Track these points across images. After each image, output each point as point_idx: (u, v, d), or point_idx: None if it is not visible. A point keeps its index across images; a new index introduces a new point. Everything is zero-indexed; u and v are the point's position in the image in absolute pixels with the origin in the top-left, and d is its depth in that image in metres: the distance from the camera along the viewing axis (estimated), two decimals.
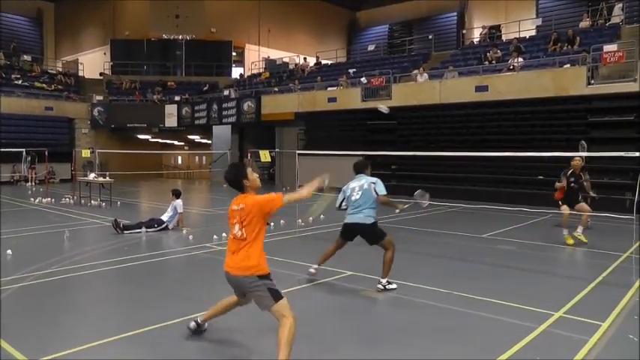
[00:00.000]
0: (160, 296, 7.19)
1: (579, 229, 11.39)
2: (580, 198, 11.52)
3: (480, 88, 21.20)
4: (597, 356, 5.15)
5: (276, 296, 4.78)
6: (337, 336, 5.75)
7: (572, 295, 7.22)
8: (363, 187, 7.62)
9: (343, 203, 7.79)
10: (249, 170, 5.12)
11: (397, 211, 8.15)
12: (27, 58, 36.86)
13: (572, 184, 11.34)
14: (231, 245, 4.98)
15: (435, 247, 11.31)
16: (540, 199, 17.37)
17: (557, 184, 11.56)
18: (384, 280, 7.48)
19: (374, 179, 7.69)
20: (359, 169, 7.93)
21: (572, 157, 11.54)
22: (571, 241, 11.16)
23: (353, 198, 7.63)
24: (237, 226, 4.93)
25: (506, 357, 5.05)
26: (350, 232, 7.76)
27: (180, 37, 38.54)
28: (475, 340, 5.62)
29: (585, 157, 11.61)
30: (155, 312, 6.37)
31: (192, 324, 5.52)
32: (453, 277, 8.52)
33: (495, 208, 15.20)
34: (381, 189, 7.59)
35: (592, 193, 12.11)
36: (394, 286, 7.52)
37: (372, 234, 7.61)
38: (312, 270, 7.89)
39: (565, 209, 11.26)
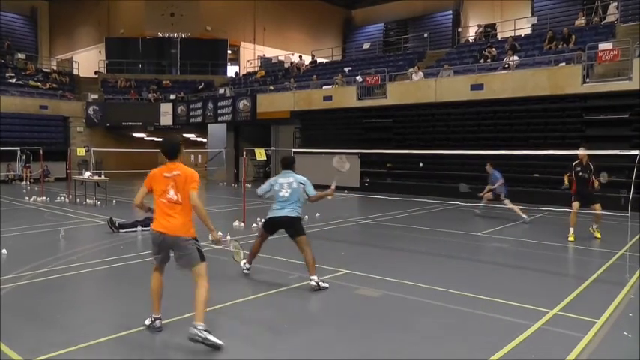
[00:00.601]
0: None
1: (594, 225, 11.93)
2: (594, 196, 11.73)
3: (476, 87, 21.23)
4: (592, 353, 5.17)
5: (202, 257, 5.52)
6: (332, 333, 5.75)
7: (568, 292, 7.25)
8: (292, 185, 7.72)
9: (267, 194, 7.88)
10: None
11: (330, 197, 8.38)
12: (21, 56, 36.75)
13: (581, 174, 11.55)
14: (164, 209, 5.50)
15: (430, 245, 11.32)
16: (536, 197, 17.44)
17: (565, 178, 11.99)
18: (315, 277, 7.48)
19: (302, 179, 7.81)
20: (287, 165, 8.01)
21: (570, 156, 11.73)
22: (572, 239, 11.35)
23: (280, 194, 7.72)
24: (172, 191, 5.47)
25: (502, 354, 5.07)
26: (274, 225, 7.86)
27: (175, 35, 38.50)
28: (471, 337, 5.63)
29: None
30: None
31: (158, 323, 5.75)
32: (449, 275, 8.54)
33: (491, 206, 15.23)
34: (311, 190, 7.79)
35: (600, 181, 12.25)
36: (327, 285, 7.54)
37: (295, 227, 7.69)
38: (245, 271, 8.02)
39: (575, 206, 11.51)
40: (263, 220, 8.26)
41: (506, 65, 21.59)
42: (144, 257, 9.61)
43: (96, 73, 38.19)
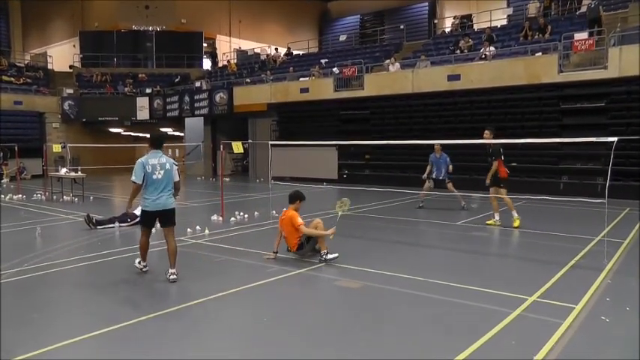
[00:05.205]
0: (133, 292, 7.10)
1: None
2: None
3: (453, 77, 21.30)
4: (571, 338, 5.20)
5: None
6: (311, 326, 5.72)
7: (546, 279, 7.30)
8: (165, 166, 7.28)
9: (142, 180, 7.26)
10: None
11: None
12: None
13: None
14: None
15: (409, 235, 11.35)
16: (514, 186, 17.52)
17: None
18: (172, 270, 7.36)
19: (172, 160, 7.41)
20: (157, 144, 7.52)
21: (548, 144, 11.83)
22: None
23: (154, 177, 7.21)
24: None
25: (482, 342, 5.08)
26: (153, 218, 7.54)
27: (150, 28, 38.09)
28: (451, 326, 5.64)
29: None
30: (129, 308, 6.27)
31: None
32: (428, 264, 8.57)
33: (469, 195, 15.29)
34: (176, 175, 7.44)
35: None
36: (174, 276, 7.33)
37: (172, 217, 7.46)
38: (139, 266, 7.88)
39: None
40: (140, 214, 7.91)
41: (483, 56, 21.67)
42: (121, 253, 9.50)
43: (70, 67, 37.61)
